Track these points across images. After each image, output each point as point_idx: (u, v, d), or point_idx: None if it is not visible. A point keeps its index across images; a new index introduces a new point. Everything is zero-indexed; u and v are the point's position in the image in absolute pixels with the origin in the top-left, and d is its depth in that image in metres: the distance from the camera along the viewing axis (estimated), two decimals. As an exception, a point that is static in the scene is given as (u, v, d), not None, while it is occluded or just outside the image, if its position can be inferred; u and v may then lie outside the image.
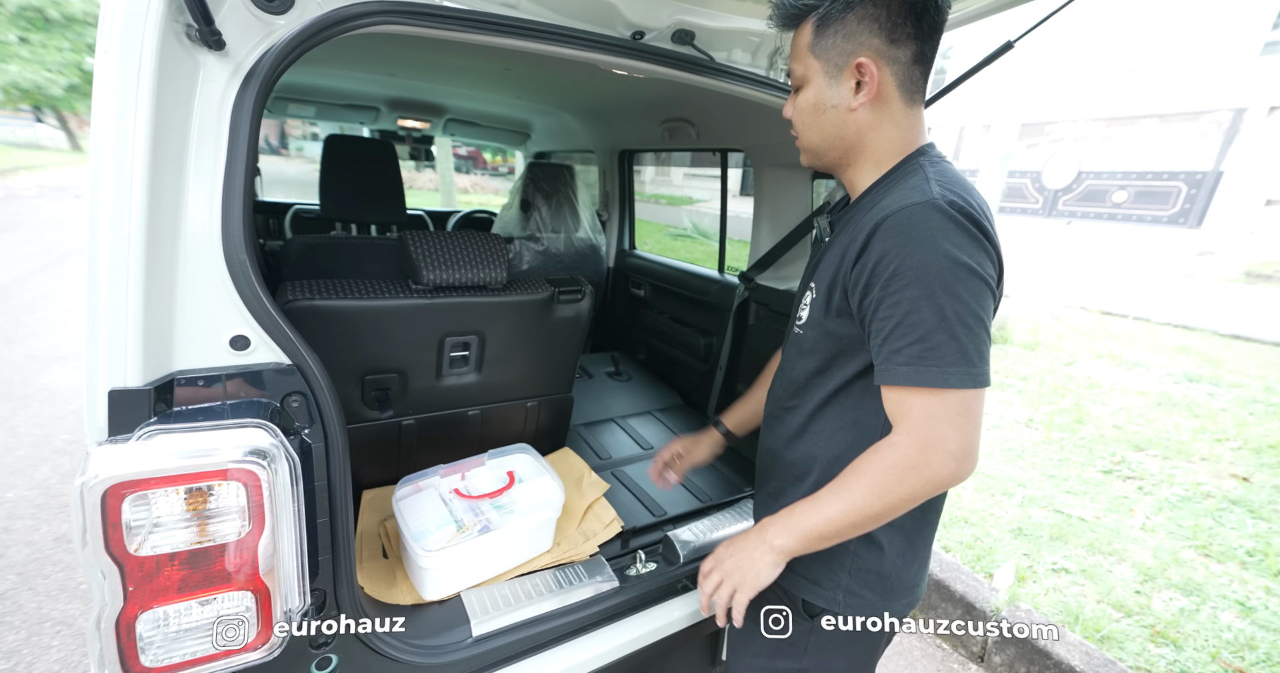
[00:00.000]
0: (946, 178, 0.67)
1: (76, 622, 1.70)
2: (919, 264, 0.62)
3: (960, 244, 0.62)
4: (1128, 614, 1.77)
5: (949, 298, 0.61)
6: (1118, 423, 3.27)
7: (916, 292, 0.62)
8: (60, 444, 2.60)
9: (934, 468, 0.63)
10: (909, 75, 0.70)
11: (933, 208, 0.63)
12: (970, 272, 0.62)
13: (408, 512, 1.02)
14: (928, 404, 0.63)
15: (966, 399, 0.63)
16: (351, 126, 2.93)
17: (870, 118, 0.72)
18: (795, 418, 0.82)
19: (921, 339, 0.62)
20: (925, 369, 0.62)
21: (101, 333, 0.61)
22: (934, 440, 0.63)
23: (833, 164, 0.79)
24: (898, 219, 0.64)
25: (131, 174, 0.60)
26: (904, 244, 0.63)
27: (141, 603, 0.62)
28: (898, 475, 0.65)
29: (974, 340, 0.62)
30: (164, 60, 0.60)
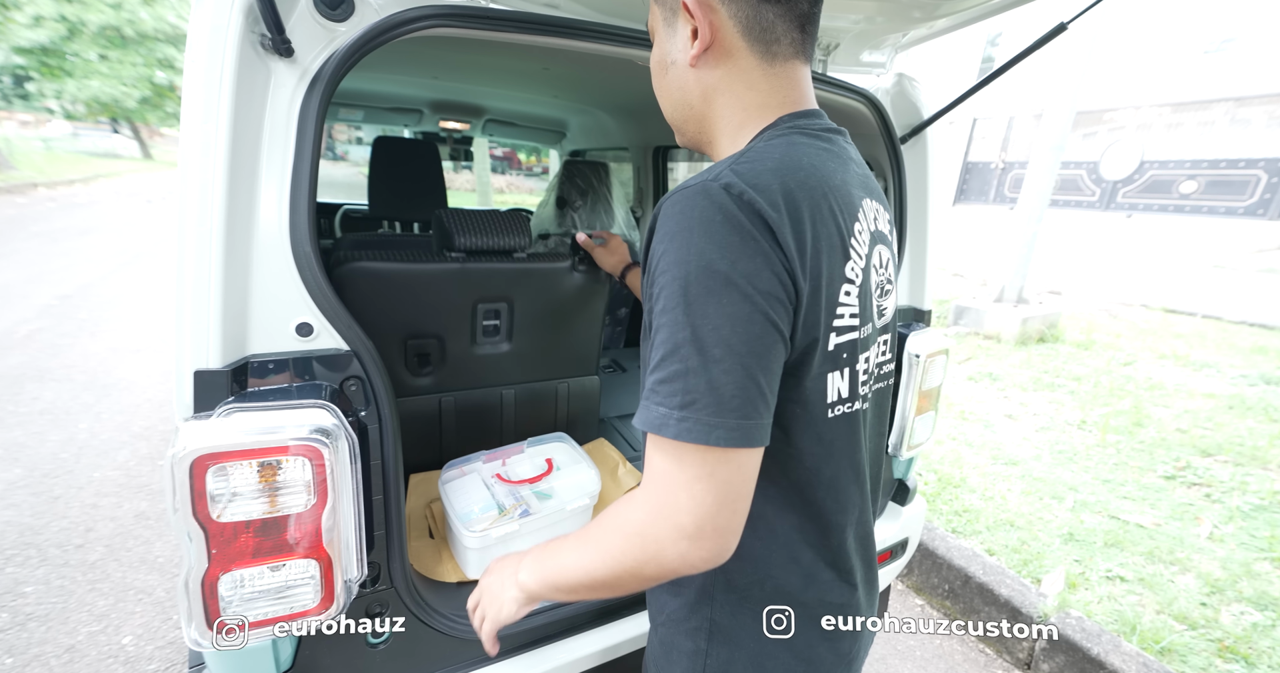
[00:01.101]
0: (760, 155, 0.51)
1: (155, 592, 1.85)
2: (669, 266, 0.46)
3: (722, 243, 0.45)
4: (1192, 627, 1.67)
5: (697, 315, 0.45)
6: (1182, 426, 3.07)
7: (663, 302, 0.47)
8: (138, 430, 2.82)
9: (659, 542, 0.47)
10: (756, 19, 0.53)
11: (704, 193, 0.47)
12: (726, 283, 0.45)
13: (453, 494, 1.07)
14: (663, 459, 0.47)
15: (709, 461, 0.45)
16: (396, 129, 3.05)
17: (715, 77, 0.56)
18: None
19: (658, 366, 0.47)
20: (654, 408, 0.46)
21: (188, 319, 0.67)
22: (664, 507, 0.46)
23: (695, 140, 0.63)
24: (663, 208, 0.49)
25: (213, 175, 0.66)
26: (661, 240, 0.48)
27: (222, 565, 0.68)
28: (624, 540, 0.49)
29: (721, 379, 0.44)
30: (242, 68, 0.66)
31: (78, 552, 1.98)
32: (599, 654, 0.98)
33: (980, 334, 4.73)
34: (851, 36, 1.19)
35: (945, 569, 1.90)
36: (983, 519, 2.18)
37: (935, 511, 2.24)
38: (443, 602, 0.92)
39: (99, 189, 13.21)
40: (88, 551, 1.99)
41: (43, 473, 2.39)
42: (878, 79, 1.32)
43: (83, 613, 1.73)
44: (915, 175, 1.31)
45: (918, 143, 1.31)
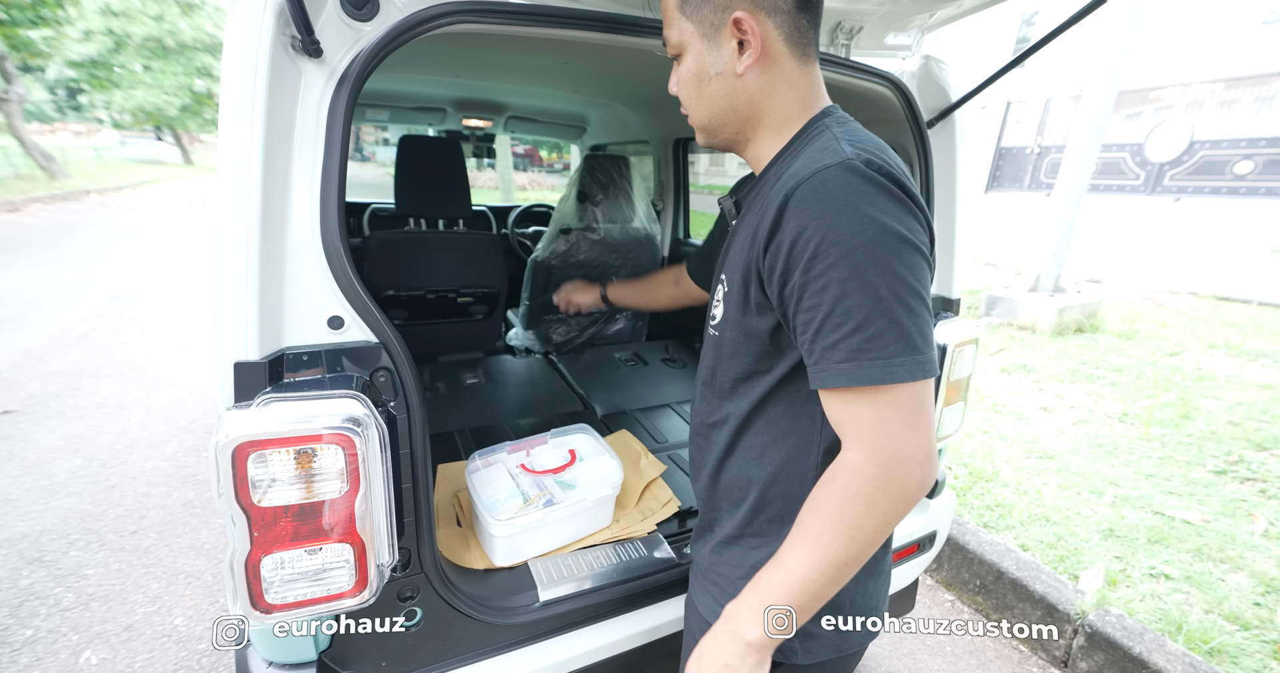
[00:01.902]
0: (858, 137, 0.58)
1: (203, 576, 1.95)
2: (843, 238, 0.52)
3: (886, 209, 0.53)
4: (1244, 627, 1.60)
5: (883, 274, 0.52)
6: (1234, 419, 2.91)
7: (844, 271, 0.52)
8: (184, 423, 2.96)
9: (901, 483, 0.53)
10: (795, 26, 0.61)
11: (849, 169, 0.53)
12: (902, 241, 0.53)
13: (479, 484, 1.09)
14: (877, 407, 0.53)
15: (918, 393, 0.53)
16: (420, 129, 3.11)
17: (761, 82, 0.62)
18: (721, 435, 0.71)
19: (858, 328, 0.52)
20: (868, 365, 0.52)
21: (228, 314, 0.70)
22: (894, 450, 0.53)
23: (731, 140, 0.69)
24: (810, 186, 0.54)
25: (249, 174, 0.68)
26: (822, 216, 0.53)
27: (264, 548, 0.71)
28: (866, 502, 0.53)
29: (916, 323, 0.53)
30: (274, 70, 0.68)
31: (133, 537, 2.10)
32: (623, 641, 1.00)
33: (1014, 325, 4.57)
34: (875, 19, 1.16)
35: (976, 564, 1.86)
36: (1016, 514, 2.11)
37: (966, 505, 2.19)
38: (471, 587, 0.94)
39: (145, 194, 13.85)
40: (141, 536, 2.11)
41: (100, 463, 2.54)
42: (903, 62, 1.28)
43: (139, 595, 1.83)
44: (943, 161, 1.27)
45: (945, 127, 1.27)
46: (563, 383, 2.00)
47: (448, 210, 2.00)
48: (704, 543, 0.77)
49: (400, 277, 1.94)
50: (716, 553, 0.74)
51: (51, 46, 13.68)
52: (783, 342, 0.63)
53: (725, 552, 0.73)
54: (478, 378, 1.96)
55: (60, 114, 22.11)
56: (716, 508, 0.75)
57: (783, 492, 0.67)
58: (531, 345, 2.35)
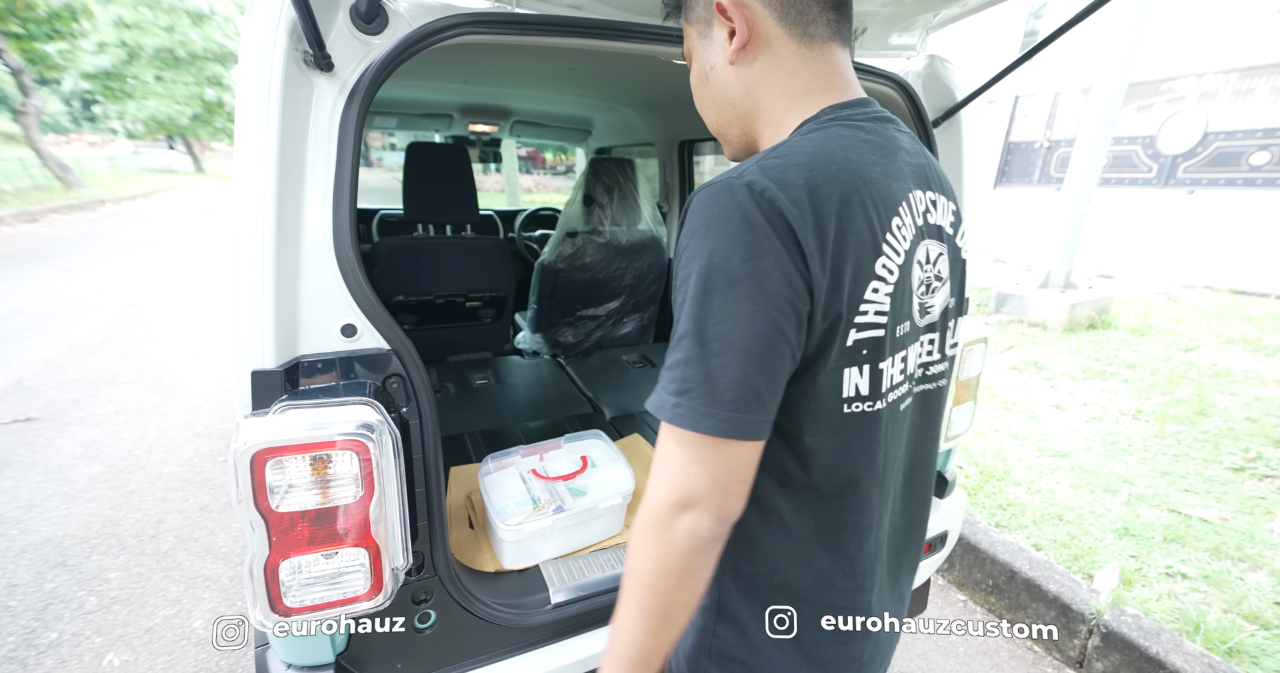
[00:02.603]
0: (792, 149, 0.50)
1: (221, 579, 1.98)
2: (686, 261, 0.49)
3: (735, 241, 0.46)
4: (1264, 627, 1.57)
5: (702, 309, 0.47)
6: (1252, 415, 2.87)
7: (680, 297, 0.49)
8: (200, 428, 3.01)
9: (666, 525, 0.48)
10: (788, 3, 0.54)
11: (725, 190, 0.48)
12: (733, 282, 0.46)
13: (491, 487, 1.10)
14: (665, 442, 0.49)
15: (703, 446, 0.47)
16: (427, 135, 3.14)
17: (754, 71, 0.57)
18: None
19: (670, 355, 0.50)
20: (659, 393, 0.49)
21: (245, 323, 0.72)
22: (660, 491, 0.49)
23: (745, 143, 0.63)
24: (691, 202, 0.50)
25: (264, 186, 0.70)
26: (684, 234, 0.50)
27: (282, 553, 0.73)
28: (641, 546, 0.50)
29: (718, 372, 0.46)
30: (288, 84, 0.70)
31: (152, 542, 2.14)
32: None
33: (1024, 322, 4.52)
34: (879, 20, 1.15)
35: (989, 564, 1.84)
36: (1029, 513, 2.10)
37: (977, 504, 2.17)
38: (483, 590, 0.95)
39: (158, 203, 14.08)
40: (160, 541, 2.15)
41: (119, 469, 2.59)
42: (908, 62, 1.28)
43: (158, 598, 1.87)
44: (949, 159, 1.27)
45: (951, 126, 1.27)
46: (571, 385, 2.01)
47: (455, 215, 2.03)
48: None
49: (410, 282, 1.96)
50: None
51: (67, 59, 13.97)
52: None
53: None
54: (487, 378, 1.97)
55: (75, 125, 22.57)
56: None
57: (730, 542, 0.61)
58: (540, 349, 2.37)
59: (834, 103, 0.55)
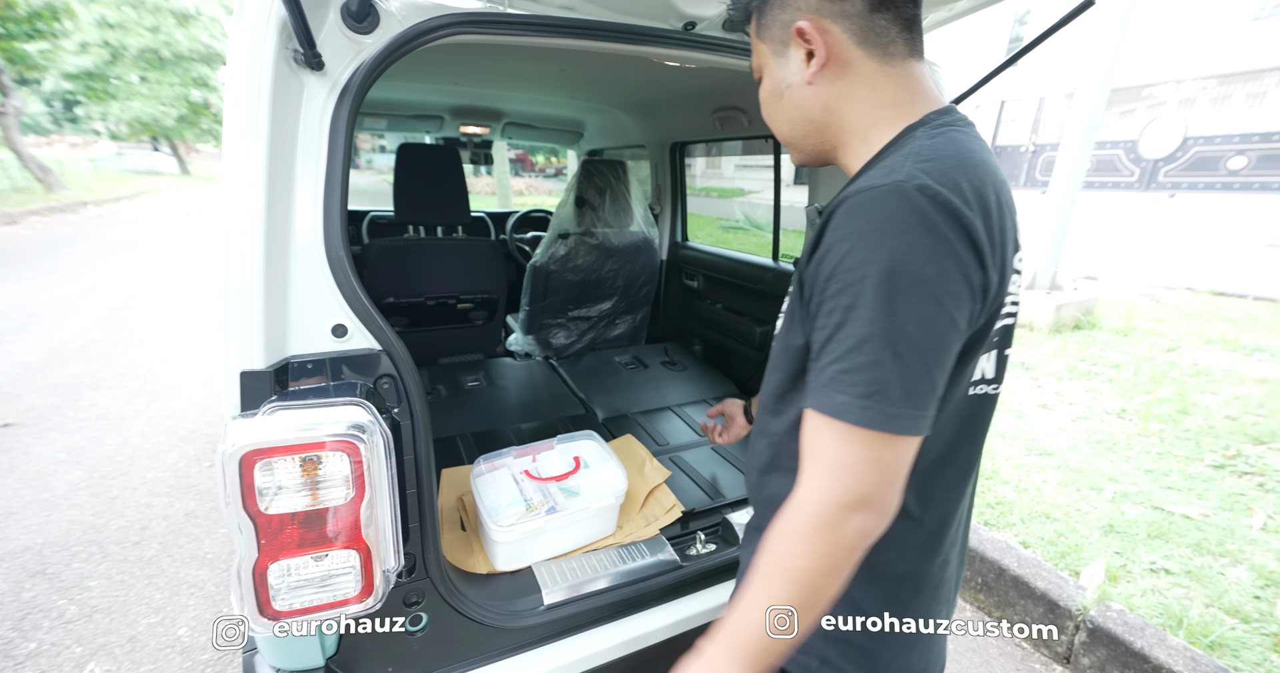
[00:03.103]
0: (937, 152, 0.53)
1: (206, 586, 1.95)
2: (856, 265, 0.49)
3: (916, 243, 0.48)
4: (1244, 621, 1.60)
5: (885, 312, 0.48)
6: (1232, 414, 2.93)
7: (849, 299, 0.50)
8: (184, 433, 2.96)
9: (838, 528, 0.50)
10: (869, 27, 0.58)
11: (894, 192, 0.49)
12: (916, 284, 0.48)
13: (483, 489, 1.10)
14: (832, 444, 0.50)
15: (878, 446, 0.49)
16: (417, 136, 3.13)
17: (835, 88, 0.60)
18: (764, 446, 0.71)
19: (841, 358, 0.50)
20: (835, 396, 0.50)
21: (233, 324, 0.71)
22: (836, 491, 0.50)
23: (817, 152, 0.67)
24: (849, 205, 0.51)
25: (253, 186, 0.69)
26: (846, 238, 0.50)
27: (271, 555, 0.72)
28: (804, 543, 0.51)
29: (904, 373, 0.48)
30: (277, 83, 0.69)
31: (135, 549, 2.09)
32: (629, 643, 1.00)
33: (1012, 323, 4.58)
34: (867, 23, 1.17)
35: (978, 562, 1.86)
36: (1016, 511, 2.12)
37: (967, 504, 2.19)
38: (476, 592, 0.95)
39: (142, 205, 13.85)
40: (144, 547, 2.10)
41: (101, 475, 2.54)
42: (896, 65, 1.30)
43: (142, 606, 1.83)
44: (937, 161, 1.29)
45: (939, 128, 1.28)
46: (564, 386, 2.01)
47: (446, 217, 2.02)
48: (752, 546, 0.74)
49: (400, 284, 1.95)
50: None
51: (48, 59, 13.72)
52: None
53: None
54: (479, 380, 1.96)
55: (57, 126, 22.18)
56: (763, 515, 0.73)
57: None
58: (532, 350, 2.36)
59: (933, 110, 0.59)
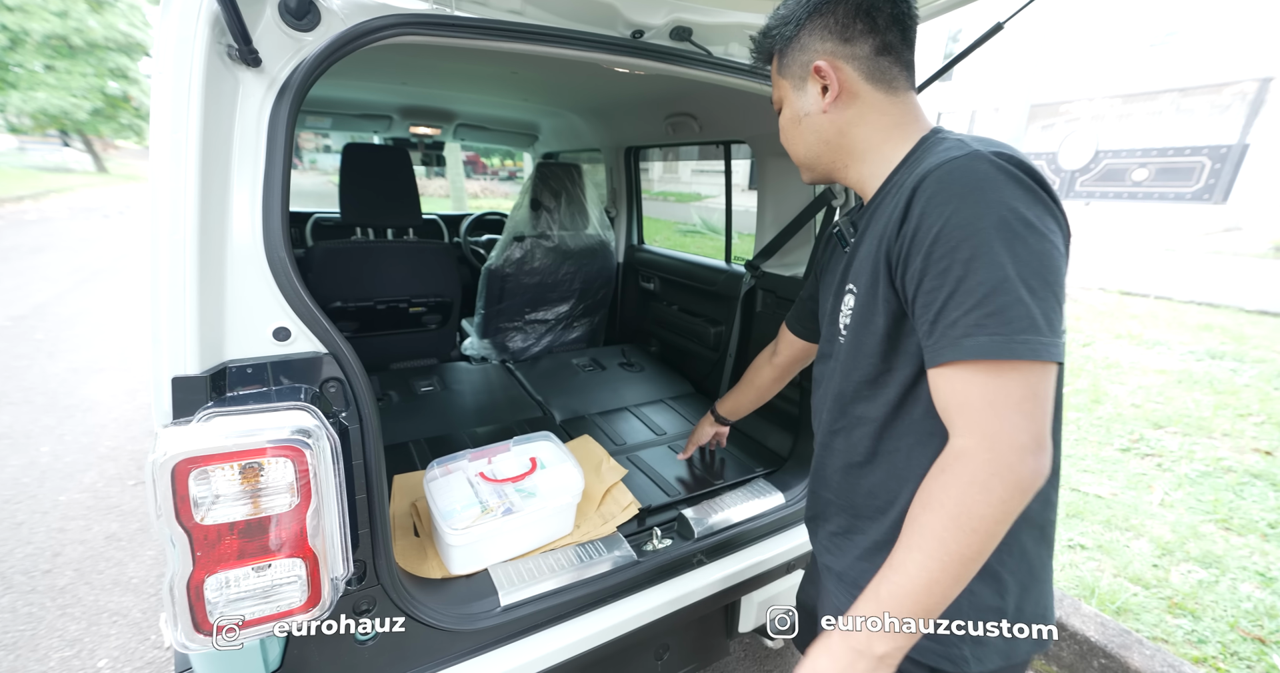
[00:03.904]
0: (985, 141, 0.59)
1: (131, 613, 1.81)
2: (967, 220, 0.52)
3: (1015, 196, 0.53)
4: (1145, 587, 1.78)
5: (1009, 255, 0.51)
6: (1136, 402, 3.24)
7: (967, 252, 0.52)
8: (104, 451, 2.73)
9: (1016, 470, 0.51)
10: (874, 67, 0.68)
11: (977, 158, 0.55)
12: (1029, 226, 0.52)
13: (437, 493, 1.08)
14: (989, 388, 0.52)
15: (1034, 378, 0.52)
16: (364, 136, 3.03)
17: (847, 116, 0.70)
18: (856, 440, 0.71)
19: (979, 304, 0.52)
20: (988, 339, 0.51)
21: (164, 327, 0.68)
22: (1006, 435, 0.51)
23: (829, 169, 0.75)
24: (936, 175, 0.56)
25: (185, 183, 0.67)
26: (946, 201, 0.54)
27: (208, 568, 0.69)
28: (982, 491, 0.51)
29: (1042, 305, 0.51)
30: (210, 78, 0.67)
31: (45, 577, 1.92)
32: (588, 639, 1.01)
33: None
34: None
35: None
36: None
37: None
38: (430, 597, 0.94)
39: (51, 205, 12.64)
40: (56, 575, 1.93)
41: (3, 499, 2.31)
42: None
43: (53, 639, 1.68)
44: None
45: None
46: (520, 389, 1.99)
47: (396, 219, 1.97)
48: (845, 551, 0.74)
49: (348, 287, 1.88)
50: (867, 560, 0.71)
51: (-67, 42, 12.34)
52: (906, 339, 0.63)
53: (876, 558, 0.66)
54: (432, 385, 1.92)
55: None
56: (857, 514, 0.73)
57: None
58: (488, 354, 2.33)
59: (934, 127, 0.70)
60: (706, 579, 1.15)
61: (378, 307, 1.99)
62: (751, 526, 1.25)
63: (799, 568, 1.34)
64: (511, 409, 1.82)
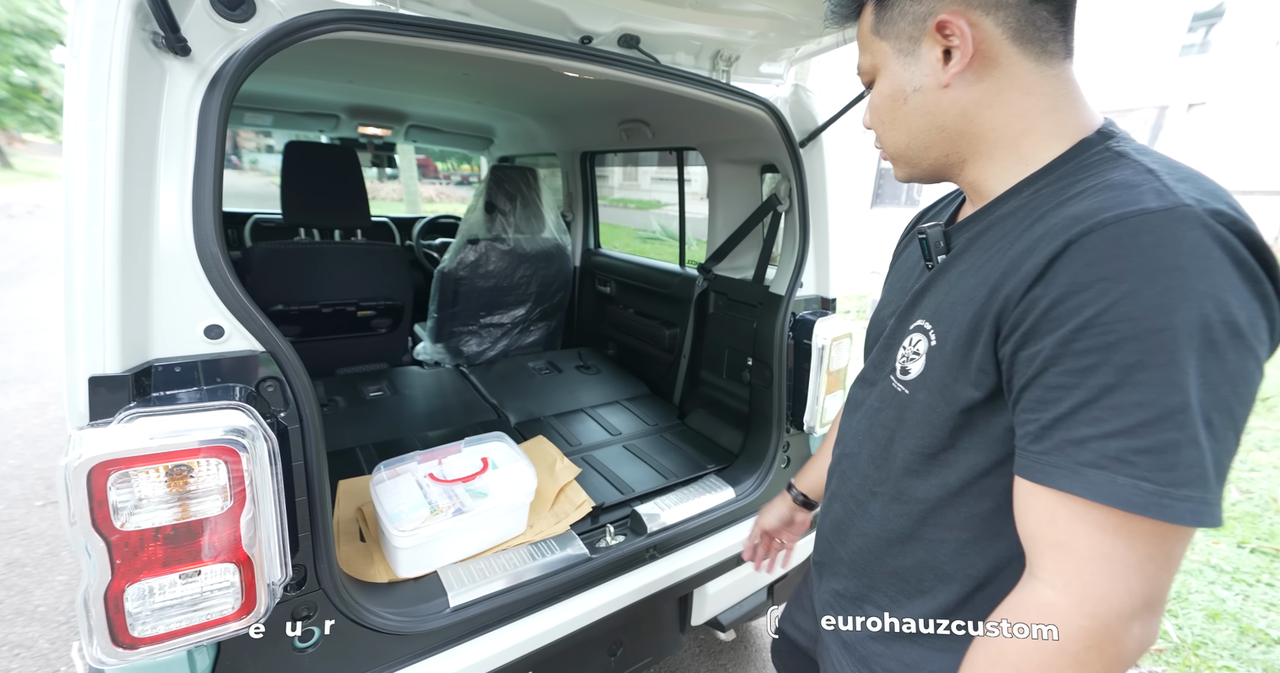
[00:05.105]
0: (1188, 173, 0.42)
1: (37, 644, 1.66)
2: (1146, 313, 0.38)
3: (1230, 289, 0.38)
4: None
5: (1199, 375, 0.37)
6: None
7: (1132, 358, 0.38)
8: (6, 470, 2.50)
9: (1121, 644, 0.41)
10: (1028, 19, 0.48)
11: (1184, 220, 0.38)
12: (1237, 336, 0.38)
13: (384, 495, 1.06)
14: (1109, 540, 0.40)
15: (1169, 539, 0.40)
16: (308, 135, 2.92)
17: (976, 91, 0.50)
18: (895, 515, 0.59)
19: (1133, 433, 0.39)
20: (1128, 482, 0.39)
21: (80, 324, 0.64)
22: (1113, 598, 0.40)
23: (939, 166, 0.56)
24: (1110, 235, 0.39)
25: (104, 173, 0.64)
26: (1120, 277, 0.39)
27: (129, 577, 0.65)
28: (1073, 664, 0.41)
29: (1219, 450, 0.39)
30: (132, 66, 0.65)
31: (-62, 610, 1.73)
32: (539, 637, 1.01)
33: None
34: (750, 50, 1.30)
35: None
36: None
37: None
38: (375, 600, 0.91)
39: (-54, 201, 11.46)
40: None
41: (-115, 527, 2.07)
42: (777, 89, 1.45)
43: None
44: (814, 175, 1.45)
45: (815, 146, 1.45)
46: (474, 393, 1.96)
47: (344, 221, 1.91)
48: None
49: (290, 290, 1.81)
50: (883, 644, 0.62)
51: None
52: (991, 420, 0.49)
53: (897, 647, 0.60)
54: (382, 390, 1.87)
55: None
56: (874, 587, 0.63)
57: (989, 597, 0.53)
58: (441, 359, 2.28)
59: (1102, 124, 0.50)
60: (659, 573, 1.17)
61: (323, 310, 1.92)
62: (703, 520, 1.28)
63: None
64: (465, 412, 1.80)
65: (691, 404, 1.91)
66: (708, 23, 1.15)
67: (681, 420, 1.85)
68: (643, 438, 1.69)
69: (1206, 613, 1.72)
